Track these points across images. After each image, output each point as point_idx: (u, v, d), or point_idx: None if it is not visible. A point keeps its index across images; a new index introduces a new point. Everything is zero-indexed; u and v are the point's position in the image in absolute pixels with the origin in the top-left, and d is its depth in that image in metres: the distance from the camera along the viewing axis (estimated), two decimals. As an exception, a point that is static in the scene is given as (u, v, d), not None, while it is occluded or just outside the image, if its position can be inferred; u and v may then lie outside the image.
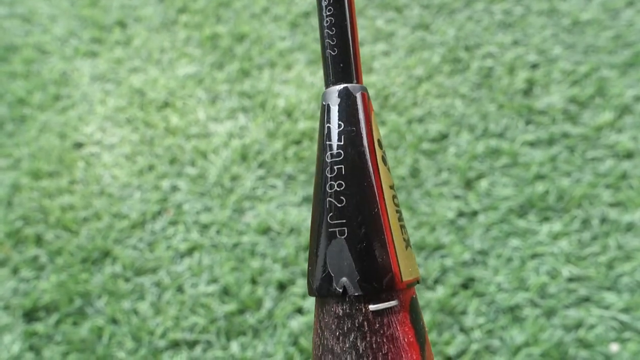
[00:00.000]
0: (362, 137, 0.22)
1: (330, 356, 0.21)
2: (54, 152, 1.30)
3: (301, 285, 1.02)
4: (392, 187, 0.23)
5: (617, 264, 1.00)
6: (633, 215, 1.05)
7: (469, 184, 1.14)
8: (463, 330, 0.95)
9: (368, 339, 0.21)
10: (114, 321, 1.01)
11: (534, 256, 1.02)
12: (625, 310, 0.94)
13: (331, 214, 0.22)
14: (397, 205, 0.23)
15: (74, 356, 0.96)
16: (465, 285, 1.00)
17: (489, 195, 1.12)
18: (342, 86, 0.23)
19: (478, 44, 1.43)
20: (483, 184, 1.13)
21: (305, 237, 1.08)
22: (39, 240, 1.13)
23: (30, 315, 1.02)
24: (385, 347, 0.21)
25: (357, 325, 0.21)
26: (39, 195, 1.21)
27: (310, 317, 0.98)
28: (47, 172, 1.26)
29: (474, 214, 1.09)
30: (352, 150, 0.22)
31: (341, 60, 0.23)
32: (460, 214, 1.10)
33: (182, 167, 1.24)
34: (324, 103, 0.23)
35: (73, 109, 1.40)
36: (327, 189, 0.22)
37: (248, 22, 1.58)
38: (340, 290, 0.21)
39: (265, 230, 1.11)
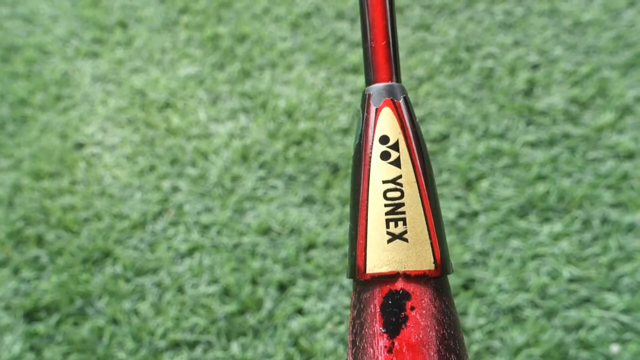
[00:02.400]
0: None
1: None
2: (55, 152, 1.30)
3: (301, 285, 1.02)
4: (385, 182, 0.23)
5: (617, 265, 0.99)
6: (634, 216, 1.05)
7: (469, 185, 1.14)
8: (464, 331, 0.95)
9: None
10: (114, 322, 1.01)
11: (535, 257, 1.02)
12: (626, 311, 0.94)
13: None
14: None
15: (75, 356, 0.96)
16: (465, 286, 1.00)
17: (490, 196, 1.12)
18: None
19: (479, 45, 1.43)
20: (484, 184, 1.13)
21: (305, 238, 1.08)
22: (39, 241, 1.14)
23: (31, 316, 1.03)
24: None
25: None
26: (40, 195, 1.21)
27: (310, 318, 0.97)
28: (48, 172, 1.26)
29: (475, 214, 1.09)
30: None
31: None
32: (461, 214, 1.10)
33: (182, 167, 1.24)
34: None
35: (74, 110, 1.41)
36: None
37: (249, 23, 1.58)
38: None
39: (265, 231, 1.11)
